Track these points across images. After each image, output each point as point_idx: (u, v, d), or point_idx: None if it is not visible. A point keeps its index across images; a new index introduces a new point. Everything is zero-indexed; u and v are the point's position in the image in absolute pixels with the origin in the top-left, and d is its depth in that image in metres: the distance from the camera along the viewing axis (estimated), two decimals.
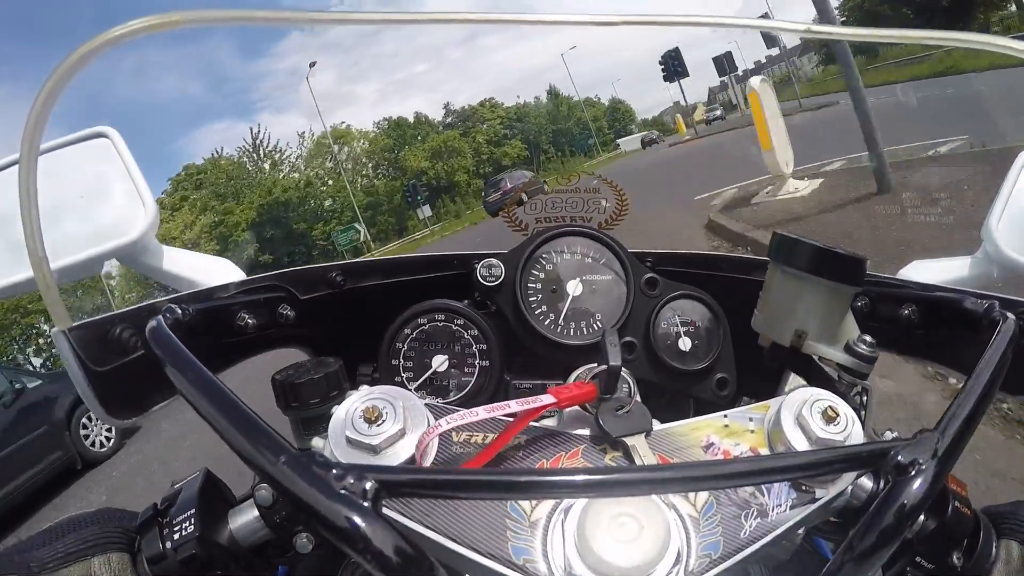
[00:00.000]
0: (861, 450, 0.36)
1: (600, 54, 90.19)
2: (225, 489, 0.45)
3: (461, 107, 48.09)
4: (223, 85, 78.45)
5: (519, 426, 0.44)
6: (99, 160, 0.70)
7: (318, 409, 0.50)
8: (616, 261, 0.72)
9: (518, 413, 0.43)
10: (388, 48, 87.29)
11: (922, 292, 0.60)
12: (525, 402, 0.43)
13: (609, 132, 59.42)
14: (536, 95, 57.30)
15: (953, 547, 0.44)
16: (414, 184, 33.85)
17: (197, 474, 0.44)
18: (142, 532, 0.40)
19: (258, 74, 79.76)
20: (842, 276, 0.52)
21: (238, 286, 0.61)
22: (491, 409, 0.42)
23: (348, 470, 0.31)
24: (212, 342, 0.57)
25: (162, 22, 0.38)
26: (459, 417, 0.42)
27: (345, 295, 0.70)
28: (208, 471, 0.45)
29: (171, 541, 0.39)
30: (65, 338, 0.45)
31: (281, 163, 38.79)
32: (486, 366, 0.66)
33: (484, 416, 0.42)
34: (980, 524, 0.45)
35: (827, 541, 0.61)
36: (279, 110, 70.58)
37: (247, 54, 79.43)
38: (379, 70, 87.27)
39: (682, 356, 0.70)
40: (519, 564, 0.37)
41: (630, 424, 0.46)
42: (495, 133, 46.32)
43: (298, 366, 0.52)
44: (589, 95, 61.98)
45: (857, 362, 0.52)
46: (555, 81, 68.47)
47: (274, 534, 0.42)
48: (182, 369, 0.39)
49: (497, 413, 0.42)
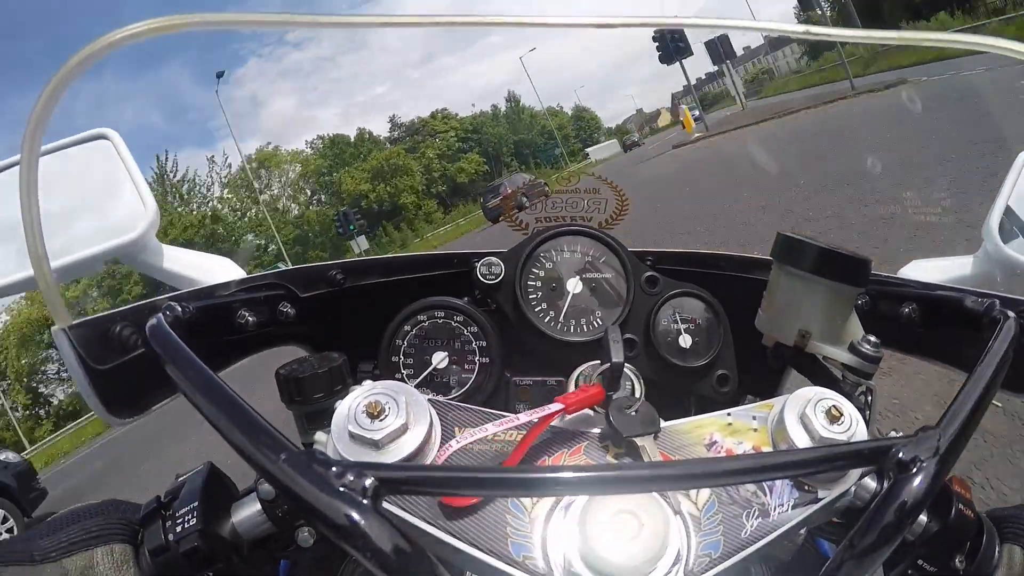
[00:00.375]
0: (862, 447, 0.36)
1: (562, 61, 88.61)
2: (229, 482, 0.46)
3: (410, 120, 44.07)
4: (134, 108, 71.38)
5: (531, 436, 0.43)
6: (99, 161, 0.70)
7: (322, 403, 0.50)
8: (616, 259, 0.73)
9: (527, 424, 0.43)
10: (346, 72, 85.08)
11: (923, 291, 0.60)
12: (534, 413, 0.43)
13: (576, 141, 56.90)
14: (494, 103, 53.93)
15: (956, 550, 0.44)
16: (345, 212, 28.62)
17: (201, 467, 0.45)
18: (145, 524, 0.41)
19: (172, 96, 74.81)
20: (846, 277, 0.52)
21: (238, 284, 0.61)
22: (501, 424, 0.42)
23: (348, 467, 0.31)
24: (212, 340, 0.57)
25: (162, 26, 0.38)
26: (469, 435, 0.41)
27: (345, 293, 0.70)
28: (212, 464, 0.45)
29: (173, 534, 0.39)
30: (66, 336, 0.45)
31: (190, 195, 33.56)
32: (486, 363, 0.66)
33: (495, 430, 0.42)
34: (983, 527, 0.44)
35: (829, 543, 0.61)
36: (202, 136, 63.95)
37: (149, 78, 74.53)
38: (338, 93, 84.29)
39: (683, 353, 0.70)
40: (519, 561, 0.37)
41: (640, 424, 0.45)
42: (448, 146, 42.08)
43: (302, 361, 0.52)
44: (551, 104, 59.84)
45: (861, 362, 0.52)
46: (515, 91, 63.86)
47: (276, 528, 0.43)
48: (182, 367, 0.39)
49: (507, 427, 0.42)
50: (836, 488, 0.42)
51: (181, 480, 0.43)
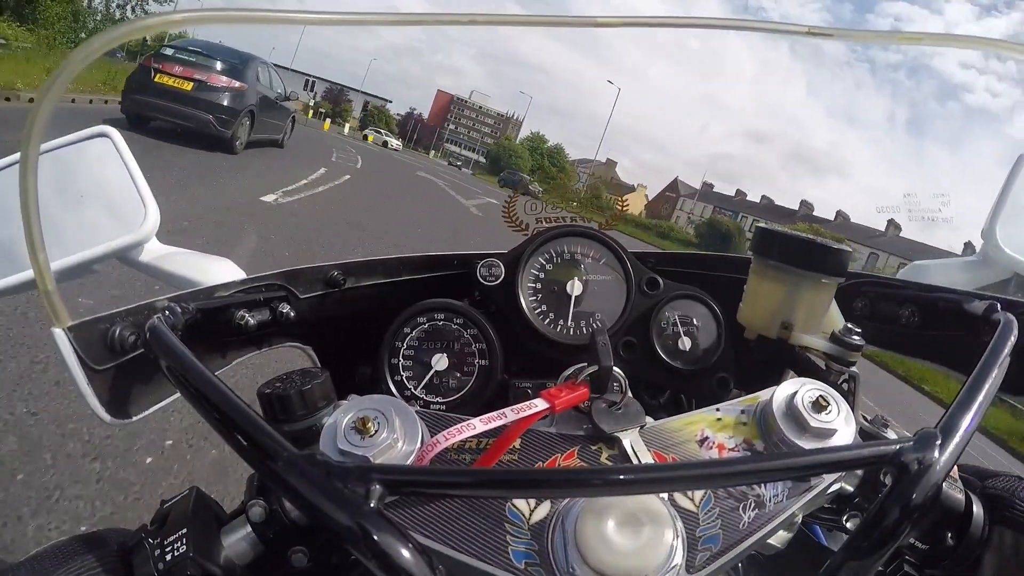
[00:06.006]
0: (863, 450, 0.36)
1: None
2: (216, 506, 0.44)
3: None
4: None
5: (516, 432, 0.44)
6: (99, 159, 0.70)
7: (307, 421, 0.49)
8: (616, 261, 0.73)
9: (514, 421, 0.43)
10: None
11: (922, 292, 0.60)
12: (519, 409, 0.43)
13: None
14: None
15: (944, 528, 0.44)
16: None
17: (186, 492, 0.43)
18: (133, 555, 0.39)
19: None
20: (825, 267, 0.53)
21: (238, 285, 0.61)
22: (487, 420, 0.42)
23: (351, 470, 0.31)
24: (212, 341, 0.57)
25: (164, 21, 0.38)
26: (456, 432, 0.41)
27: (344, 294, 0.70)
28: (198, 489, 0.43)
29: (163, 563, 0.38)
30: (66, 337, 0.45)
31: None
32: (485, 366, 0.66)
33: (481, 429, 0.42)
34: (972, 505, 0.45)
35: (822, 527, 0.62)
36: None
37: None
38: None
39: (682, 356, 0.70)
40: (521, 568, 0.37)
41: (624, 420, 0.46)
42: None
43: (284, 378, 0.51)
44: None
45: (843, 351, 0.53)
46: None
47: (268, 551, 0.41)
48: (182, 368, 0.39)
49: (493, 424, 0.42)
50: (828, 476, 0.43)
51: (166, 507, 0.42)
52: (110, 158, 0.70)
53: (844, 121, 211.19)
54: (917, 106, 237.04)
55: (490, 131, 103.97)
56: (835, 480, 0.43)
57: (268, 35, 78.44)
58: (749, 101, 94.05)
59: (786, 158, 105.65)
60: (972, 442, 0.36)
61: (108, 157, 0.70)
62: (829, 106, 59.39)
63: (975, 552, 0.43)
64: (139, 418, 0.51)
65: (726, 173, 39.55)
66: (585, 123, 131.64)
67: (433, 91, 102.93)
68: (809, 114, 55.33)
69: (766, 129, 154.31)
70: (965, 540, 0.43)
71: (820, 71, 45.28)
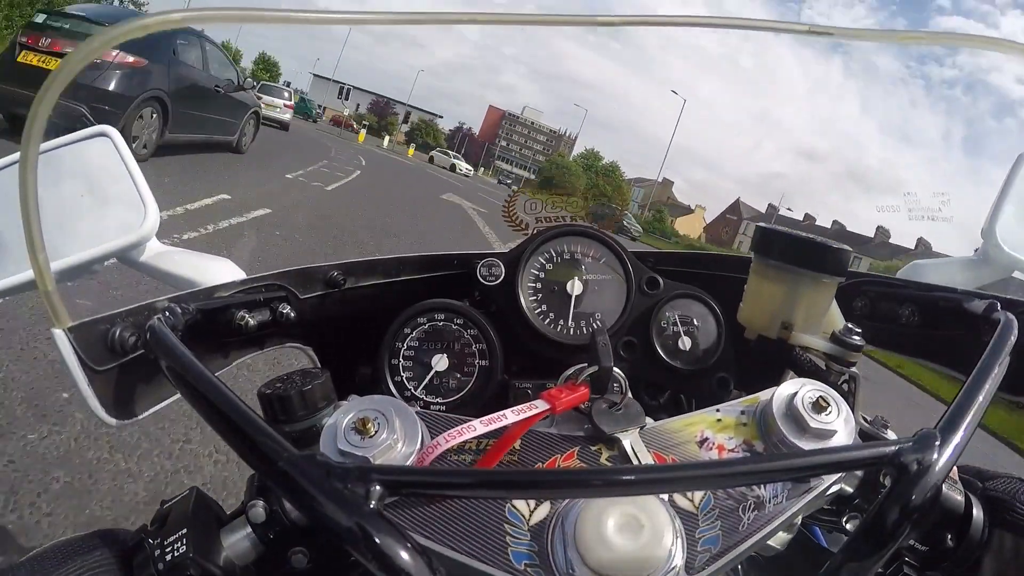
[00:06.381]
0: (862, 451, 0.36)
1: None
2: (216, 507, 0.44)
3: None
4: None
5: (517, 433, 0.44)
6: (100, 160, 0.70)
7: (307, 422, 0.49)
8: (616, 261, 0.72)
9: (514, 422, 0.43)
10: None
11: (922, 292, 0.60)
12: (520, 410, 0.43)
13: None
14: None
15: (944, 529, 0.44)
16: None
17: (187, 492, 0.43)
18: (133, 556, 0.39)
19: None
20: (825, 267, 0.52)
21: (238, 285, 0.61)
22: (487, 422, 0.42)
23: (351, 470, 0.31)
24: (212, 341, 0.57)
25: (164, 20, 0.38)
26: (457, 434, 0.41)
27: (345, 294, 0.70)
28: (198, 489, 0.43)
29: (163, 563, 0.38)
30: (67, 337, 0.45)
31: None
32: (485, 366, 0.66)
33: (482, 430, 0.42)
34: (972, 507, 0.44)
35: (821, 528, 0.62)
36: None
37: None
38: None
39: (682, 356, 0.70)
40: (520, 569, 0.37)
41: (624, 420, 0.46)
42: None
43: (284, 378, 0.51)
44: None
45: (843, 351, 0.54)
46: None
47: (269, 551, 0.41)
48: (182, 369, 0.39)
49: (494, 426, 0.42)
50: (828, 477, 0.43)
51: (166, 508, 0.42)
52: (110, 158, 0.70)
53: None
54: (974, 124, 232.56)
55: (542, 148, 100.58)
56: (835, 481, 0.43)
57: (311, 46, 76.78)
58: (806, 119, 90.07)
59: (852, 179, 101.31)
60: (976, 444, 0.36)
61: (108, 157, 0.70)
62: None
63: (975, 554, 0.43)
64: (139, 419, 0.51)
65: (791, 193, 39.44)
66: (637, 140, 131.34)
67: (483, 108, 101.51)
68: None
69: (822, 148, 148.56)
70: (965, 542, 0.43)
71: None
